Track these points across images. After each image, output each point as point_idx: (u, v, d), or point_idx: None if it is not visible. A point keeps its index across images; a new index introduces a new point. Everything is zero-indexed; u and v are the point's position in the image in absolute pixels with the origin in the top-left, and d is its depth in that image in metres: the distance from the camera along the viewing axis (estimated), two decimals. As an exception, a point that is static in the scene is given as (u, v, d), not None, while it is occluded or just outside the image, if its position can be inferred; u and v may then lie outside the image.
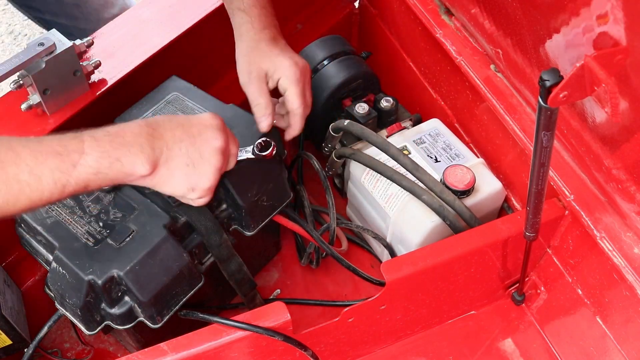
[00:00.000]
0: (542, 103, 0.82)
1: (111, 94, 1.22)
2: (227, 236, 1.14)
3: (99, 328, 1.06)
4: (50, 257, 1.05)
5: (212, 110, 1.19)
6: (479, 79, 1.28)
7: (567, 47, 0.99)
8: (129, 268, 1.00)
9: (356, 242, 1.46)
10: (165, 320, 1.07)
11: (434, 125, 1.38)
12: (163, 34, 1.30)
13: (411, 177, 1.23)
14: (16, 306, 1.17)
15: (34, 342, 1.13)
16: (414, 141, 1.34)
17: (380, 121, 1.41)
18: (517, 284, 1.30)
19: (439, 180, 1.23)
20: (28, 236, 1.11)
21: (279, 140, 1.23)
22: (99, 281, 0.99)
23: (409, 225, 1.26)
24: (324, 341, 1.19)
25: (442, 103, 1.47)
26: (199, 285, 1.11)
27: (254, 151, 1.06)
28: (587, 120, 1.04)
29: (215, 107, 1.20)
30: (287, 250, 1.46)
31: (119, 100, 1.22)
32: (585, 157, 1.12)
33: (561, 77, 0.80)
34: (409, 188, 1.22)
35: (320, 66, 1.43)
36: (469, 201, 1.24)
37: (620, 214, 1.09)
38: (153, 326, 1.06)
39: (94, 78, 1.21)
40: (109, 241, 1.03)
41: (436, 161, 1.31)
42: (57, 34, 1.13)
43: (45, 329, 1.12)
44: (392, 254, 1.34)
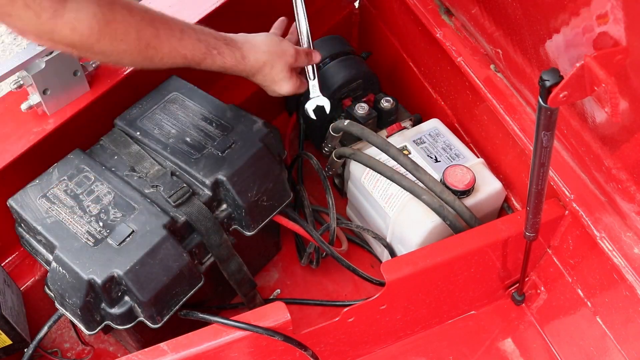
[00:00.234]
0: (542, 103, 0.82)
1: (111, 94, 1.21)
2: (227, 236, 1.14)
3: (99, 328, 1.06)
4: (50, 257, 1.05)
5: (212, 110, 1.20)
6: (479, 79, 1.28)
7: (567, 47, 0.98)
8: (129, 268, 1.00)
9: (356, 242, 1.46)
10: (165, 320, 1.07)
11: (434, 125, 1.38)
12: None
13: (411, 177, 1.23)
14: (16, 306, 1.17)
15: (34, 342, 1.13)
16: (414, 141, 1.34)
17: (380, 121, 1.41)
18: (517, 284, 1.30)
19: (439, 180, 1.23)
20: (28, 236, 1.11)
21: (279, 140, 1.23)
22: (99, 281, 0.99)
23: (409, 225, 1.26)
24: (324, 341, 1.19)
25: (442, 103, 1.46)
26: (199, 285, 1.11)
27: None
28: (587, 120, 1.04)
29: (215, 107, 1.20)
30: (287, 250, 1.46)
31: (119, 100, 1.22)
32: (585, 157, 1.12)
33: (561, 77, 0.80)
34: (409, 188, 1.22)
35: (321, 66, 1.43)
36: (469, 201, 1.24)
37: (620, 214, 1.09)
38: (153, 326, 1.06)
39: (94, 78, 1.21)
40: (109, 241, 1.03)
41: (436, 161, 1.31)
42: (57, 34, 1.13)
43: (45, 329, 1.12)
44: (392, 254, 1.34)
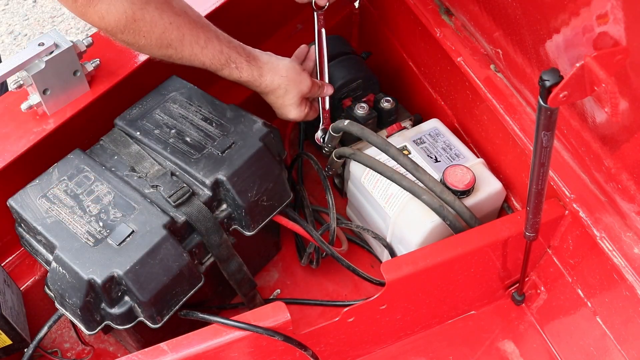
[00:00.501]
0: (542, 103, 0.82)
1: (111, 94, 1.22)
2: (227, 236, 1.14)
3: (99, 328, 1.06)
4: (50, 257, 1.05)
5: (212, 110, 1.20)
6: (479, 79, 1.28)
7: (567, 47, 0.99)
8: (129, 268, 1.00)
9: (356, 242, 1.46)
10: (165, 320, 1.07)
11: (434, 125, 1.38)
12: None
13: (411, 177, 1.23)
14: (16, 306, 1.17)
15: (34, 342, 1.13)
16: (414, 141, 1.34)
17: (380, 121, 1.41)
18: (517, 284, 1.30)
19: (439, 180, 1.23)
20: (28, 236, 1.11)
21: (279, 140, 1.23)
22: (99, 281, 0.99)
23: (409, 225, 1.26)
24: (324, 341, 1.19)
25: (442, 103, 1.46)
26: (199, 285, 1.11)
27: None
28: (587, 120, 1.04)
29: (215, 107, 1.20)
30: (287, 250, 1.46)
31: (119, 100, 1.22)
32: (585, 157, 1.12)
33: (561, 77, 0.80)
34: (409, 188, 1.22)
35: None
36: (469, 201, 1.24)
37: (620, 214, 1.09)
38: (153, 326, 1.06)
39: (94, 78, 1.21)
40: (109, 241, 1.03)
41: (436, 161, 1.31)
42: (57, 34, 1.13)
43: (45, 329, 1.12)
44: (392, 254, 1.34)
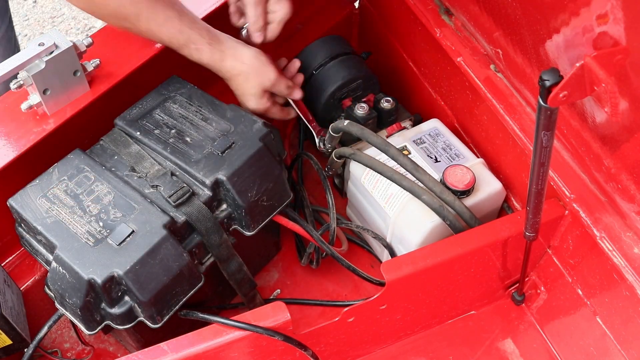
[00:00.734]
0: (542, 103, 0.82)
1: (111, 94, 1.22)
2: (227, 236, 1.14)
3: (99, 328, 1.06)
4: (50, 257, 1.05)
5: (212, 110, 1.20)
6: (479, 79, 1.28)
7: (567, 47, 0.99)
8: (129, 268, 1.00)
9: (356, 242, 1.46)
10: (165, 320, 1.07)
11: (433, 125, 1.38)
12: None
13: (411, 177, 1.23)
14: (16, 306, 1.17)
15: (34, 342, 1.13)
16: (413, 141, 1.34)
17: (380, 121, 1.41)
18: (517, 284, 1.30)
19: (438, 180, 1.23)
20: (28, 236, 1.11)
21: (279, 140, 1.23)
22: (99, 281, 0.99)
23: (409, 225, 1.26)
24: (324, 341, 1.19)
25: (442, 103, 1.47)
26: (199, 285, 1.11)
27: None
28: (587, 120, 1.04)
29: (215, 107, 1.20)
30: (287, 250, 1.46)
31: (119, 100, 1.22)
32: (585, 157, 1.12)
33: (561, 77, 0.80)
34: (409, 188, 1.22)
35: (321, 66, 1.43)
36: (469, 201, 1.24)
37: (620, 214, 1.09)
38: (153, 326, 1.06)
39: (94, 78, 1.21)
40: (109, 241, 1.03)
41: (436, 161, 1.31)
42: (57, 34, 1.13)
43: (45, 329, 1.12)
44: (392, 254, 1.34)
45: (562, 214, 1.16)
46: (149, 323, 1.06)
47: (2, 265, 1.22)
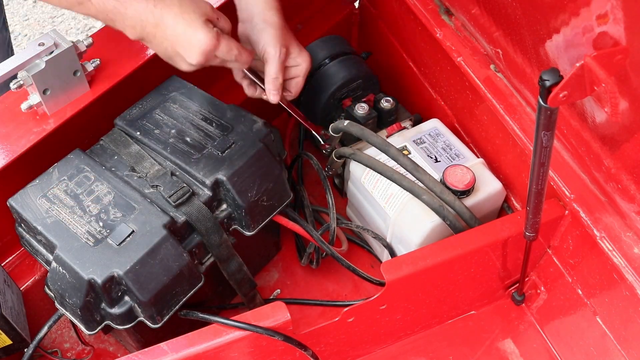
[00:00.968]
0: (542, 103, 0.82)
1: (111, 94, 1.21)
2: (227, 236, 1.14)
3: (99, 328, 1.06)
4: (50, 257, 1.05)
5: (212, 110, 1.20)
6: (479, 79, 1.28)
7: (567, 47, 0.99)
8: (129, 268, 1.00)
9: (356, 242, 1.46)
10: (165, 320, 1.07)
11: (434, 125, 1.38)
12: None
13: (411, 177, 1.23)
14: (16, 306, 1.17)
15: (34, 342, 1.13)
16: (413, 141, 1.34)
17: (380, 121, 1.41)
18: (517, 284, 1.30)
19: (439, 180, 1.23)
20: (28, 236, 1.11)
21: (279, 140, 1.23)
22: (99, 281, 0.99)
23: (409, 225, 1.26)
24: (324, 341, 1.19)
25: (442, 103, 1.46)
26: (199, 285, 1.11)
27: None
28: (587, 120, 1.04)
29: (215, 107, 1.20)
30: (287, 250, 1.46)
31: (119, 100, 1.22)
32: (585, 157, 1.12)
33: (561, 77, 0.80)
34: (409, 188, 1.22)
35: (321, 66, 1.43)
36: (469, 201, 1.24)
37: (620, 214, 1.09)
38: (153, 326, 1.06)
39: (94, 78, 1.21)
40: (109, 241, 1.03)
41: (436, 161, 1.31)
42: (57, 34, 1.13)
43: (45, 329, 1.12)
44: (392, 254, 1.34)
45: (562, 214, 1.16)
46: (149, 323, 1.06)
47: (2, 265, 1.22)
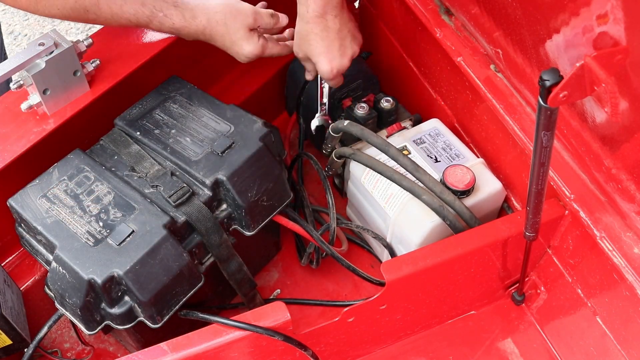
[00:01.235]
0: (542, 103, 0.82)
1: (111, 94, 1.22)
2: (227, 236, 1.14)
3: (99, 328, 1.06)
4: (50, 257, 1.05)
5: (212, 110, 1.20)
6: (479, 79, 1.28)
7: (567, 47, 0.99)
8: (129, 268, 1.00)
9: (356, 242, 1.46)
10: (165, 320, 1.07)
11: (434, 125, 1.38)
12: (163, 34, 1.30)
13: (411, 177, 1.23)
14: (16, 306, 1.17)
15: (34, 342, 1.13)
16: (413, 141, 1.34)
17: (380, 121, 1.41)
18: (517, 284, 1.30)
19: (439, 180, 1.23)
20: (28, 236, 1.11)
21: (279, 140, 1.23)
22: (99, 281, 0.99)
23: (409, 225, 1.26)
24: (324, 341, 1.19)
25: (442, 103, 1.46)
26: (199, 285, 1.11)
27: None
28: (587, 120, 1.04)
29: (215, 107, 1.20)
30: (287, 250, 1.46)
31: (119, 100, 1.22)
32: (585, 157, 1.12)
33: (561, 77, 0.80)
34: (409, 188, 1.22)
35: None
36: (469, 201, 1.24)
37: (620, 214, 1.09)
38: (153, 326, 1.06)
39: (94, 78, 1.21)
40: (109, 241, 1.03)
41: (436, 161, 1.31)
42: (57, 34, 1.13)
43: (45, 329, 1.12)
44: (392, 254, 1.34)
45: (562, 214, 1.16)
46: (149, 323, 1.06)
47: (2, 265, 1.22)
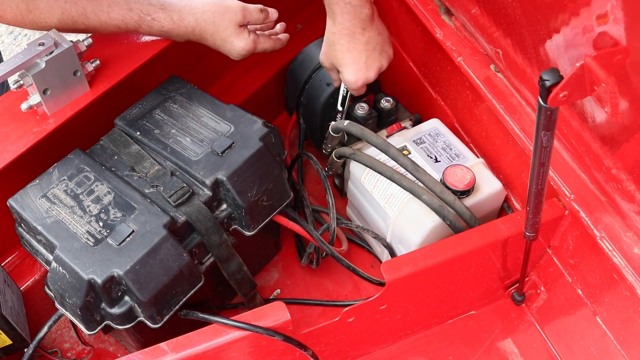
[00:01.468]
0: (542, 103, 0.82)
1: (111, 94, 1.22)
2: (227, 236, 1.14)
3: (99, 328, 1.06)
4: (50, 257, 1.05)
5: (212, 110, 1.20)
6: (479, 79, 1.28)
7: (567, 47, 0.99)
8: (129, 268, 1.00)
9: (356, 242, 1.46)
10: (165, 320, 1.07)
11: (434, 125, 1.38)
12: (163, 34, 1.30)
13: (411, 177, 1.23)
14: (16, 306, 1.17)
15: (34, 342, 1.13)
16: (413, 141, 1.34)
17: (380, 121, 1.41)
18: (517, 284, 1.30)
19: (439, 180, 1.23)
20: (28, 236, 1.11)
21: (279, 140, 1.23)
22: (99, 281, 0.99)
23: (409, 225, 1.26)
24: (324, 341, 1.19)
25: (442, 103, 1.47)
26: (199, 285, 1.11)
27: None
28: (587, 120, 1.04)
29: (215, 107, 1.20)
30: (287, 250, 1.46)
31: (119, 100, 1.22)
32: (585, 157, 1.12)
33: (561, 77, 0.80)
34: (409, 188, 1.22)
35: (321, 66, 1.43)
36: (469, 201, 1.24)
37: (620, 214, 1.09)
38: (153, 326, 1.06)
39: (94, 78, 1.21)
40: (109, 241, 1.03)
41: (436, 161, 1.31)
42: (57, 34, 1.13)
43: (45, 329, 1.12)
44: (392, 254, 1.34)
45: (562, 214, 1.16)
46: (149, 323, 1.06)
47: (2, 265, 1.22)
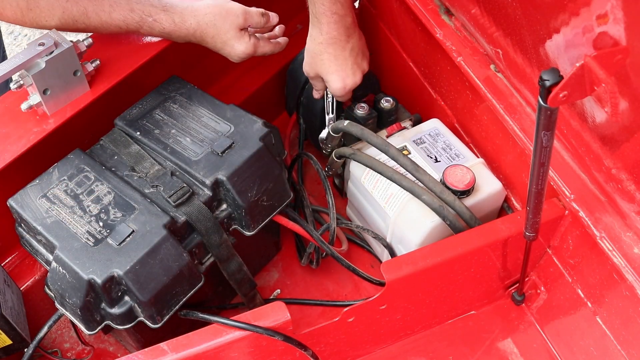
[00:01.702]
0: (542, 103, 0.82)
1: (111, 94, 1.22)
2: (227, 236, 1.14)
3: (99, 328, 1.06)
4: (50, 257, 1.05)
5: (212, 110, 1.20)
6: (479, 79, 1.28)
7: (567, 47, 0.99)
8: (129, 268, 1.00)
9: (356, 242, 1.46)
10: (165, 320, 1.07)
11: (434, 125, 1.38)
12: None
13: (411, 177, 1.23)
14: (16, 306, 1.17)
15: (34, 342, 1.13)
16: (413, 141, 1.34)
17: (380, 121, 1.41)
18: (517, 284, 1.30)
19: (439, 181, 1.23)
20: (28, 236, 1.11)
21: (279, 140, 1.23)
22: (99, 281, 0.99)
23: (409, 225, 1.26)
24: (324, 341, 1.19)
25: (442, 103, 1.46)
26: (199, 285, 1.11)
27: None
28: (587, 120, 1.04)
29: (215, 107, 1.20)
30: (287, 250, 1.46)
31: (119, 100, 1.22)
32: (585, 157, 1.12)
33: (561, 77, 0.80)
34: (409, 188, 1.22)
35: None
36: (469, 201, 1.24)
37: (620, 214, 1.09)
38: (153, 326, 1.06)
39: (94, 78, 1.21)
40: (109, 241, 1.03)
41: (436, 161, 1.31)
42: (57, 34, 1.13)
43: (45, 329, 1.12)
44: (392, 254, 1.34)
45: (562, 214, 1.16)
46: (149, 323, 1.06)
47: (2, 265, 1.22)
